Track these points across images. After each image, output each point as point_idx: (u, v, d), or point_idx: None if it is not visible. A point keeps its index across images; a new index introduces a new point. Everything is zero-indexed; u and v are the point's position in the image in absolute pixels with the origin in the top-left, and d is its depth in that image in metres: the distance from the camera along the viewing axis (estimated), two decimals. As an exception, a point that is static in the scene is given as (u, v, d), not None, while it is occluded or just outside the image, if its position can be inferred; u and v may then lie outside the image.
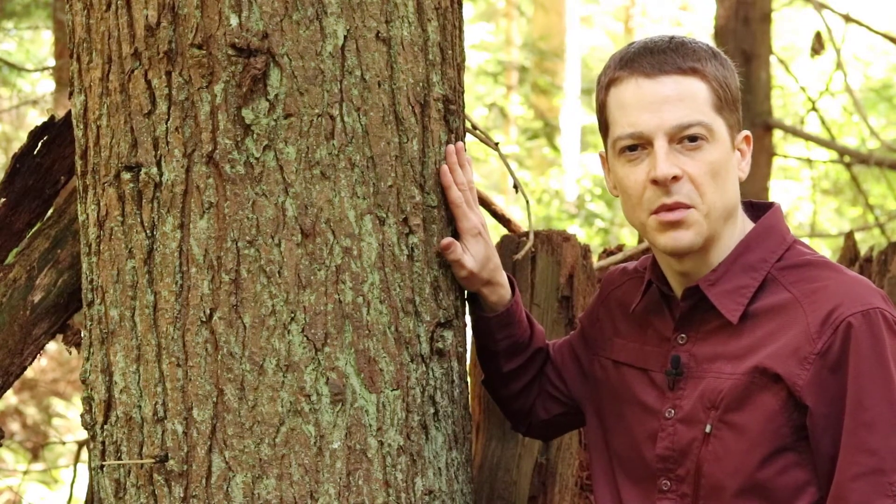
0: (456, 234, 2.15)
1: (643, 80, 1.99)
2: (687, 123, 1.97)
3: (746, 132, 2.07)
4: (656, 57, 1.99)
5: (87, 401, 2.13)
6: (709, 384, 2.00)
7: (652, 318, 2.14)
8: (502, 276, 2.23)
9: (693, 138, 1.98)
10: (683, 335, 2.07)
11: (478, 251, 2.15)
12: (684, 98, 1.98)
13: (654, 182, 1.98)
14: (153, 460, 2.00)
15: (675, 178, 1.97)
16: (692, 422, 2.01)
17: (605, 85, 2.06)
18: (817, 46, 7.10)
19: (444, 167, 2.13)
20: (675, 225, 1.99)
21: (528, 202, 2.66)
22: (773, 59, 7.64)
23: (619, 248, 3.39)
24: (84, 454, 3.53)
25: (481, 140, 2.92)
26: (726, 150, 2.01)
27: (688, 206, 1.98)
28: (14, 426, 8.23)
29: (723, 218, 2.02)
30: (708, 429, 1.99)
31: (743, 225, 2.07)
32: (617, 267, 2.30)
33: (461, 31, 2.20)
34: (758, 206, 2.12)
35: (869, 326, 1.90)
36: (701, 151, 1.98)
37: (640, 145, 2.00)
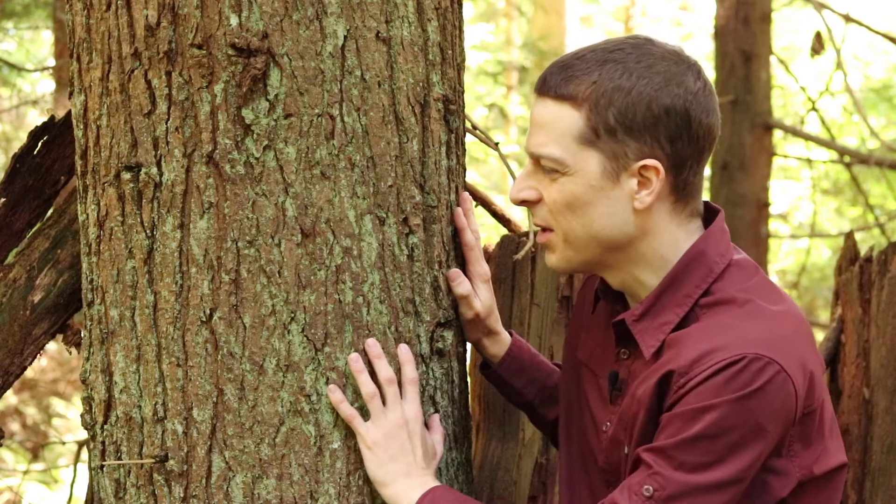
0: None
1: (535, 98, 1.98)
2: (538, 154, 1.94)
3: (652, 162, 1.88)
4: (547, 74, 1.95)
5: (87, 401, 2.13)
6: (627, 404, 1.94)
7: (606, 322, 2.08)
8: (502, 329, 2.21)
9: (547, 167, 1.94)
10: (626, 350, 2.01)
11: (486, 297, 2.15)
12: (546, 126, 1.93)
13: None
14: (153, 460, 2.00)
15: (526, 202, 1.98)
16: (616, 441, 1.96)
17: None
18: (817, 46, 7.09)
19: (459, 210, 2.14)
20: (543, 246, 2.01)
21: (528, 202, 2.65)
22: (773, 59, 7.63)
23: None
24: (84, 454, 3.53)
25: (481, 140, 2.92)
26: (588, 183, 1.91)
27: (548, 229, 1.98)
28: (14, 426, 8.23)
29: (598, 247, 1.94)
30: (626, 450, 1.93)
31: (688, 237, 1.95)
32: None
33: (461, 31, 2.20)
34: (709, 211, 2.01)
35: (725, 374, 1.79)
36: (555, 182, 1.93)
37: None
